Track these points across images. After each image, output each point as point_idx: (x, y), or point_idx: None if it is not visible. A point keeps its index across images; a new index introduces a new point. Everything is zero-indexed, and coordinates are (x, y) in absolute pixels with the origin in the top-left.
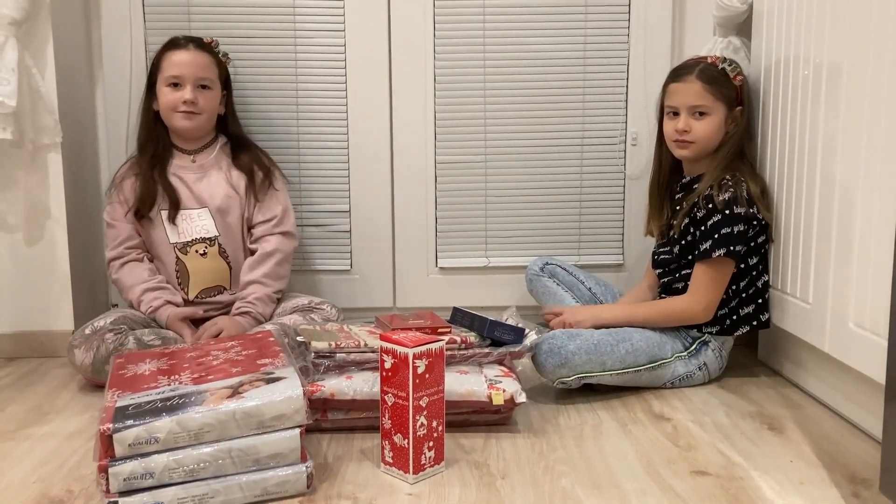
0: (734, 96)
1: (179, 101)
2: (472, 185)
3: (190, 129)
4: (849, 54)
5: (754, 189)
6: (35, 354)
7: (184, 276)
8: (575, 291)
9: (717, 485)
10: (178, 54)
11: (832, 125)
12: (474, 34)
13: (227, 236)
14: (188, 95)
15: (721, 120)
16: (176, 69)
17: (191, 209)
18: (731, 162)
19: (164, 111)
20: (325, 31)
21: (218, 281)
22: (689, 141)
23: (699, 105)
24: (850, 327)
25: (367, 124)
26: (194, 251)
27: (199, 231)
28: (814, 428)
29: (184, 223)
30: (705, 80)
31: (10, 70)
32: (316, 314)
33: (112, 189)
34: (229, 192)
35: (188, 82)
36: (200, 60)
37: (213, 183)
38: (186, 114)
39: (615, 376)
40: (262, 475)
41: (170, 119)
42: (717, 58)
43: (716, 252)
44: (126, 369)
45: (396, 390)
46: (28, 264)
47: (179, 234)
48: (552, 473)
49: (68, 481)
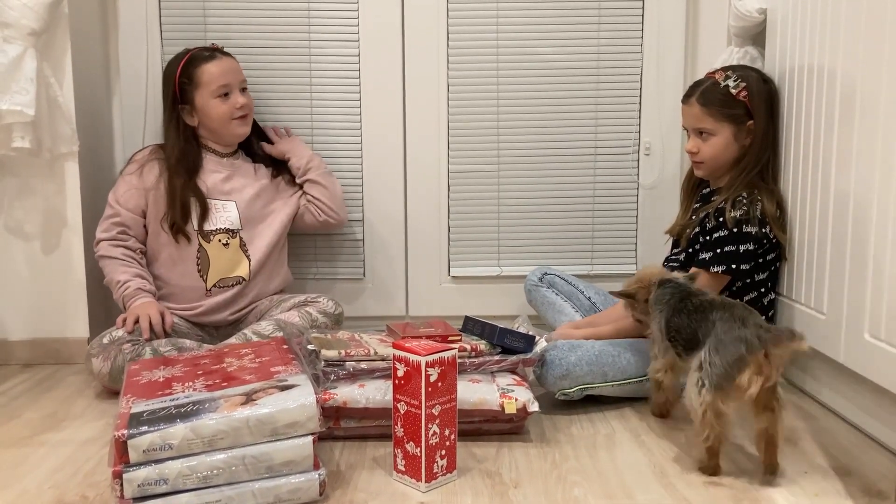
0: (742, 112)
1: (235, 108)
2: (484, 195)
3: (246, 132)
4: (864, 65)
5: (769, 208)
6: (51, 361)
7: (204, 263)
8: (574, 301)
9: (730, 496)
10: (216, 64)
11: (847, 136)
12: (488, 44)
13: (249, 232)
14: (242, 100)
15: (728, 139)
16: (223, 78)
17: (217, 199)
18: (752, 178)
19: (219, 121)
20: (339, 42)
21: (237, 272)
22: (699, 161)
23: (702, 128)
24: (865, 338)
25: (380, 133)
26: (217, 240)
27: (224, 221)
28: (828, 439)
29: (209, 211)
30: (704, 103)
31: (28, 80)
32: (311, 307)
33: (130, 173)
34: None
35: (236, 88)
36: (235, 65)
37: (244, 181)
38: (243, 119)
39: (617, 387)
40: (275, 482)
41: (226, 128)
42: (724, 73)
43: (714, 267)
44: (140, 376)
45: (409, 398)
46: (44, 272)
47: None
48: (565, 483)
49: (83, 487)
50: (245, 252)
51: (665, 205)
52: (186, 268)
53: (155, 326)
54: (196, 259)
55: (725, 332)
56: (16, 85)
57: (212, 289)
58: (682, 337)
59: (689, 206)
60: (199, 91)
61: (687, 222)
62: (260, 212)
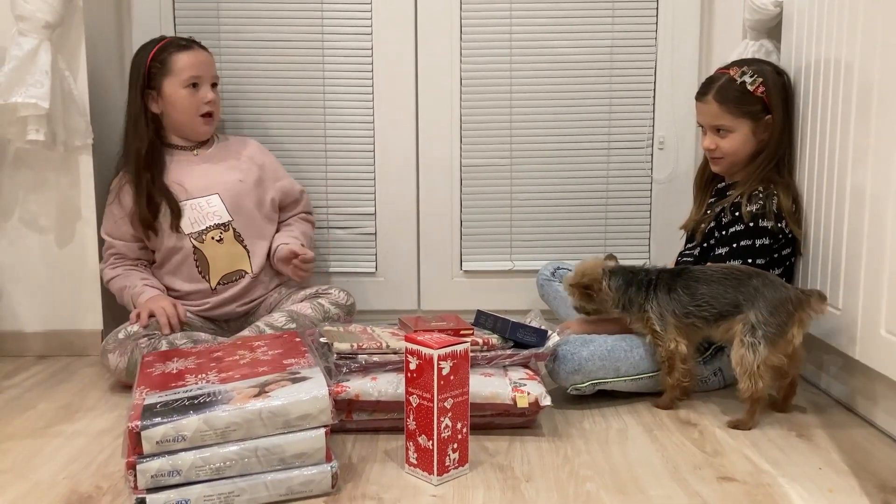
0: (759, 108)
1: (202, 102)
2: (497, 189)
3: (209, 131)
4: (881, 59)
5: (785, 203)
6: (65, 353)
7: (203, 265)
8: None
9: (744, 491)
10: (190, 55)
11: (863, 130)
12: (501, 38)
13: (240, 220)
14: (211, 95)
15: (746, 134)
16: (196, 69)
17: (199, 197)
18: (768, 172)
19: (184, 113)
20: (352, 35)
21: (238, 265)
22: (718, 157)
23: (719, 125)
24: (881, 334)
25: (393, 127)
26: (210, 238)
27: (212, 217)
28: (843, 435)
29: (195, 212)
30: (721, 100)
31: (43, 73)
32: (323, 298)
33: (110, 203)
34: (239, 177)
35: (206, 82)
36: (210, 60)
37: (221, 171)
38: (208, 116)
39: (629, 382)
40: (288, 474)
41: (190, 123)
42: (740, 68)
43: (731, 261)
44: (154, 368)
45: (421, 391)
46: (59, 265)
47: (193, 223)
48: (577, 478)
49: (97, 478)
50: (241, 242)
51: (679, 199)
52: (189, 273)
53: (171, 318)
54: (194, 262)
55: (773, 294)
56: (31, 78)
57: (217, 287)
58: (715, 304)
59: (703, 202)
60: (169, 78)
61: (702, 217)
62: (248, 193)
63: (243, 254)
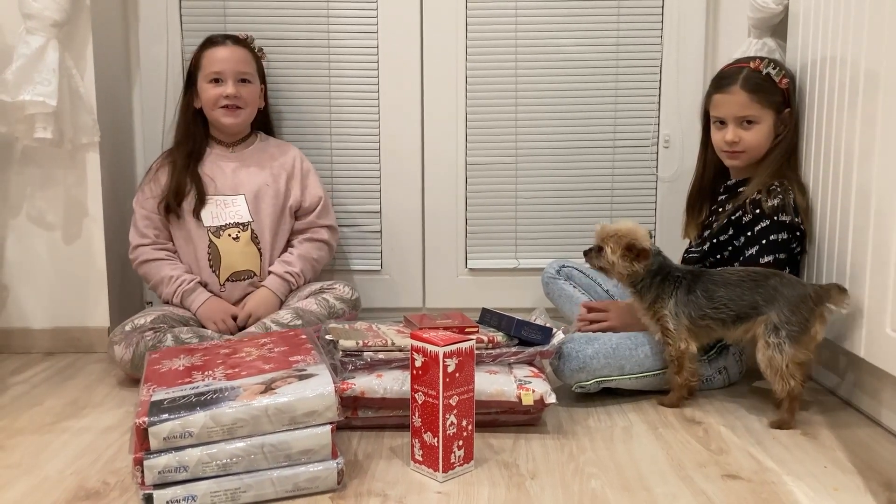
0: (781, 100)
1: (221, 96)
2: (502, 187)
3: (234, 124)
4: (887, 57)
5: (800, 199)
6: (72, 350)
7: (215, 259)
8: (592, 294)
9: (749, 489)
10: (217, 51)
11: (869, 129)
12: (506, 35)
13: (260, 223)
14: (230, 90)
15: (770, 126)
16: (217, 65)
17: (226, 195)
18: (780, 168)
19: (207, 107)
20: (358, 33)
21: (248, 266)
22: (739, 151)
23: (746, 115)
24: (886, 332)
25: (398, 125)
26: (227, 235)
27: (233, 216)
28: (848, 434)
29: (218, 208)
30: (750, 89)
31: (51, 71)
32: (328, 294)
33: (148, 181)
34: (267, 181)
35: (229, 77)
36: (239, 55)
37: (252, 173)
38: (229, 109)
39: (634, 380)
40: (294, 471)
41: (213, 115)
42: (762, 61)
43: (764, 258)
44: (161, 364)
45: (427, 389)
46: (66, 262)
47: (213, 217)
48: (582, 475)
49: (104, 474)
50: (257, 244)
51: (684, 198)
52: (201, 264)
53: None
54: (207, 255)
55: (792, 293)
56: (38, 76)
57: (225, 283)
58: (733, 307)
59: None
60: (199, 74)
61: (706, 219)
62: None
63: (256, 256)
